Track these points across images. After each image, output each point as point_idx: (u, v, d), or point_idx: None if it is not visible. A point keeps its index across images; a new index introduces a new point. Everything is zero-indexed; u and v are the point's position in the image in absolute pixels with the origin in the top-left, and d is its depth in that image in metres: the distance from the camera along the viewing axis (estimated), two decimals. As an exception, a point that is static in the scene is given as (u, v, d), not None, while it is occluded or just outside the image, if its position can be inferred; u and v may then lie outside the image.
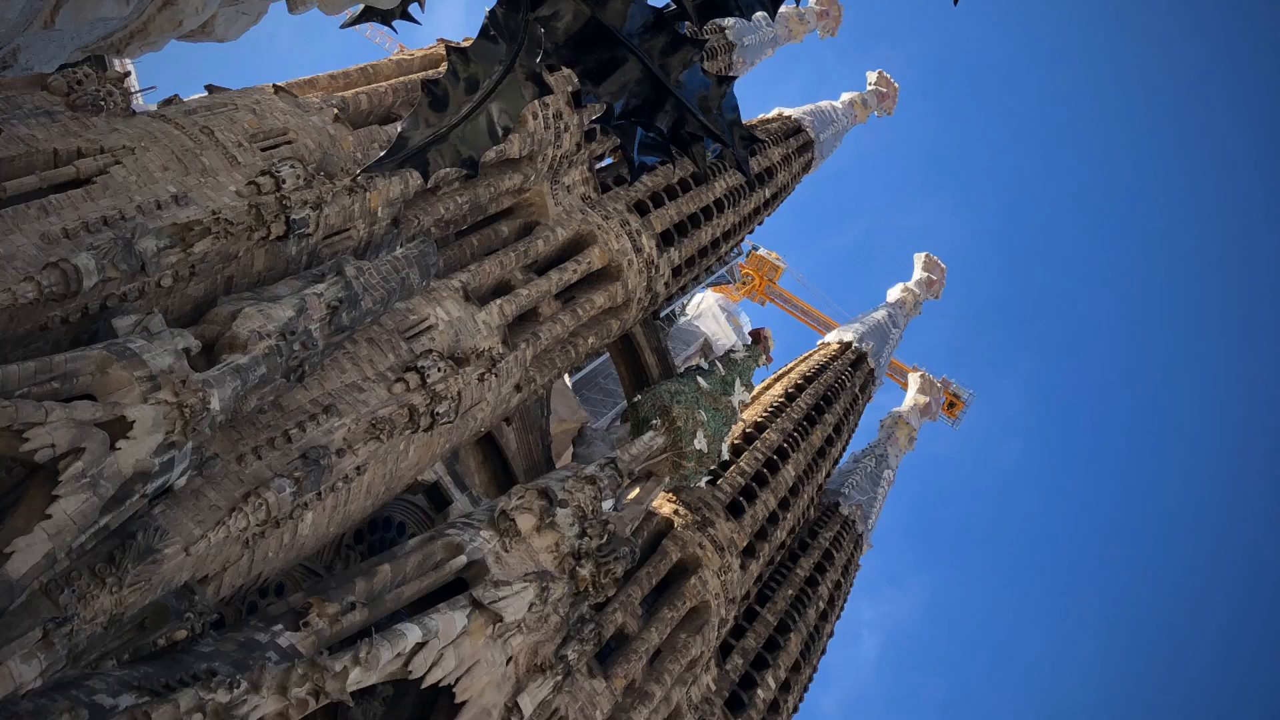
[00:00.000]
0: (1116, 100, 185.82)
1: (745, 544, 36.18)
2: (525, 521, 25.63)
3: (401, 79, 31.72)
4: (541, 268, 33.01)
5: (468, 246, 32.45)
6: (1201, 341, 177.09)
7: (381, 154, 4.63)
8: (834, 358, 49.08)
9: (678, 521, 34.97)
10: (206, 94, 26.42)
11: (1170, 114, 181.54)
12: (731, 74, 47.96)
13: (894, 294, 58.75)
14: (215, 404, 19.32)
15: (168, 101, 25.90)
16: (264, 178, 23.71)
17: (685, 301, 61.05)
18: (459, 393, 25.83)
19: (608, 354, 45.01)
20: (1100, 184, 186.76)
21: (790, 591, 39.17)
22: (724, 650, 35.61)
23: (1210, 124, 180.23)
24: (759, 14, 4.99)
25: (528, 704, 24.18)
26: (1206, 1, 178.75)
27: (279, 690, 18.56)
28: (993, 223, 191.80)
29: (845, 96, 58.31)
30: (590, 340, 33.88)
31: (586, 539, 26.29)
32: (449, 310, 27.53)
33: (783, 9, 53.53)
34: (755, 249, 76.66)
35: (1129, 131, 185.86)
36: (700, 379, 36.06)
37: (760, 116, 51.24)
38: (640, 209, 36.61)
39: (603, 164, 39.85)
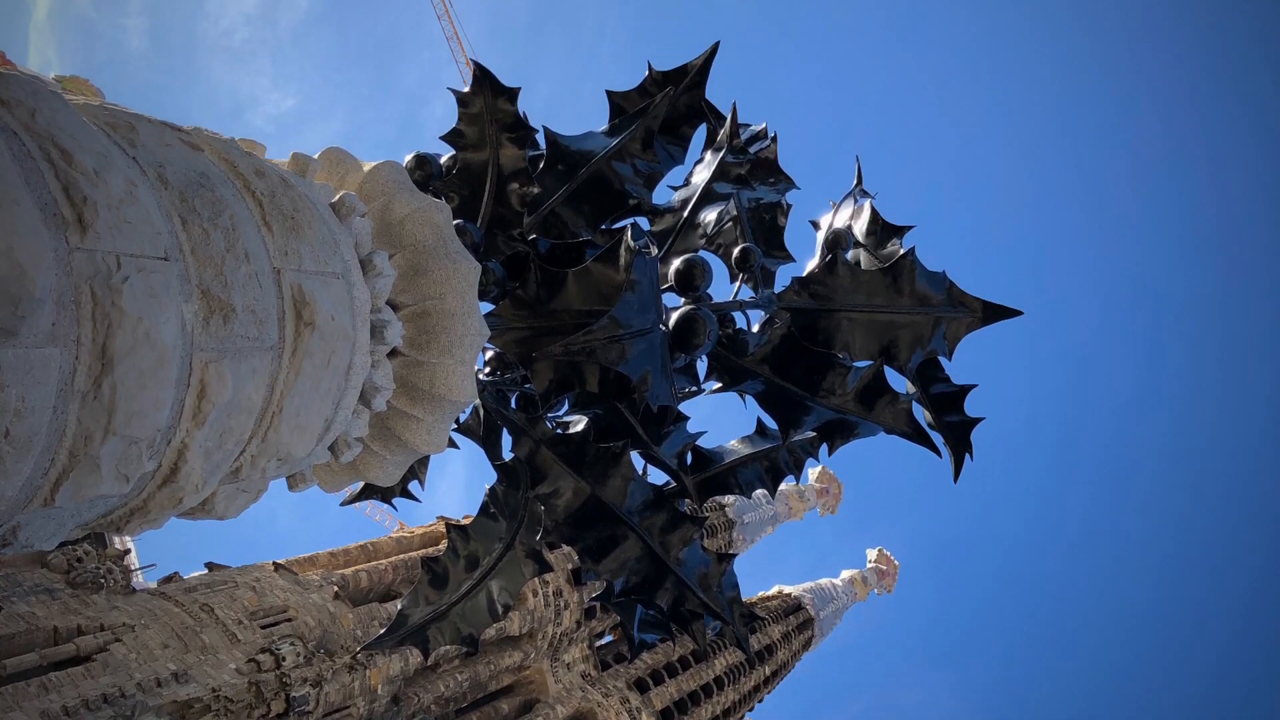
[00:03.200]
0: (1115, 542, 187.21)
1: None
2: None
3: (401, 556, 32.11)
4: (542, 745, 32.57)
5: (467, 724, 32.10)
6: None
7: (382, 631, 4.60)
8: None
9: None
10: (207, 571, 26.76)
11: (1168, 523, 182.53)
12: (731, 551, 48.37)
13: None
14: None
15: (168, 579, 26.17)
16: (264, 655, 23.74)
17: (687, 782, 59.58)
18: None
19: (608, 837, 43.69)
20: (1102, 653, 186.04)
21: None
22: None
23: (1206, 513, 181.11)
24: (759, 491, 5.07)
25: None
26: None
27: None
28: (992, 699, 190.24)
29: (845, 574, 58.67)
30: (590, 821, 33.05)
31: None
32: (448, 790, 27.04)
33: (783, 486, 54.36)
34: (757, 727, 75.38)
35: (1128, 574, 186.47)
36: None
37: (760, 594, 51.42)
38: (640, 686, 36.39)
39: (603, 640, 39.85)
